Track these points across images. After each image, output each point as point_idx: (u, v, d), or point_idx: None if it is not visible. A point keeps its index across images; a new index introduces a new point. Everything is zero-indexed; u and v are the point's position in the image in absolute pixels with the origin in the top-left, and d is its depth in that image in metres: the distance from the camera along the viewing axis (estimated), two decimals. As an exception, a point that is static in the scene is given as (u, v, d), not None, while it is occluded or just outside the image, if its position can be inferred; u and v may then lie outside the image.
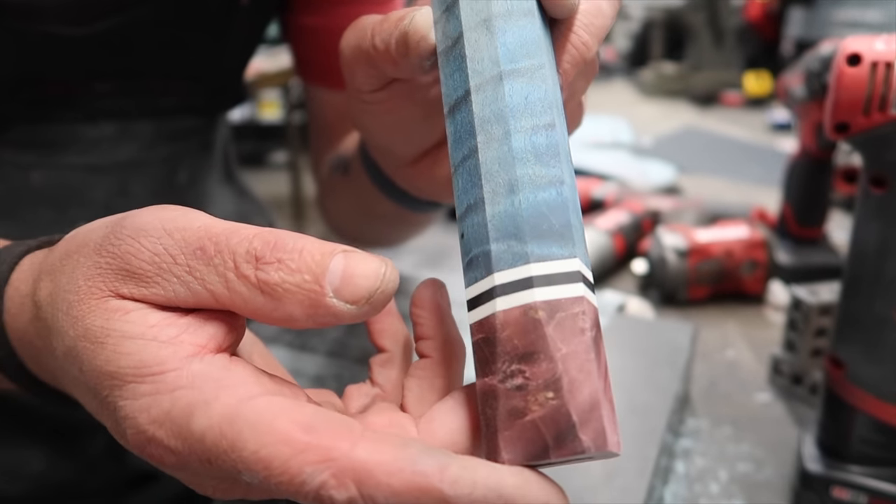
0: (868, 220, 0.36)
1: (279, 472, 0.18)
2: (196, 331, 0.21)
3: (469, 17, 0.24)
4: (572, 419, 0.19)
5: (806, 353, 0.52)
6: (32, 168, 0.48)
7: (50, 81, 0.46)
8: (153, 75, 0.49)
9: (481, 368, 0.20)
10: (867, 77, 0.33)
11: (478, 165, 0.22)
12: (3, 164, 0.47)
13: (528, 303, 0.20)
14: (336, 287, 0.20)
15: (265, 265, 0.20)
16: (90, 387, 0.21)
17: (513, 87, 0.23)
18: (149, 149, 0.51)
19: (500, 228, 0.21)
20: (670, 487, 0.44)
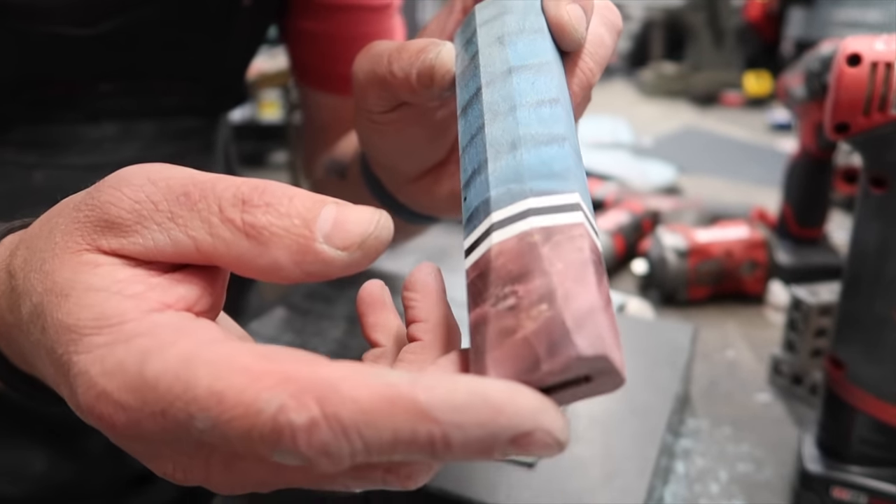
0: (868, 221, 0.36)
1: (233, 404, 0.17)
2: (166, 290, 0.20)
3: (484, 40, 0.26)
4: (566, 325, 0.17)
5: (806, 354, 0.52)
6: (34, 168, 0.48)
7: (53, 81, 0.46)
8: (156, 75, 0.49)
9: (473, 302, 0.19)
10: (867, 77, 0.33)
11: (483, 138, 0.22)
12: (5, 164, 0.47)
13: (525, 230, 0.19)
14: (327, 233, 0.19)
15: (252, 208, 0.19)
16: (49, 348, 0.20)
17: (521, 77, 0.24)
18: (151, 149, 0.51)
19: (500, 178, 0.21)
20: (670, 488, 0.44)
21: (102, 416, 0.19)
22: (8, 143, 0.47)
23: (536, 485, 0.36)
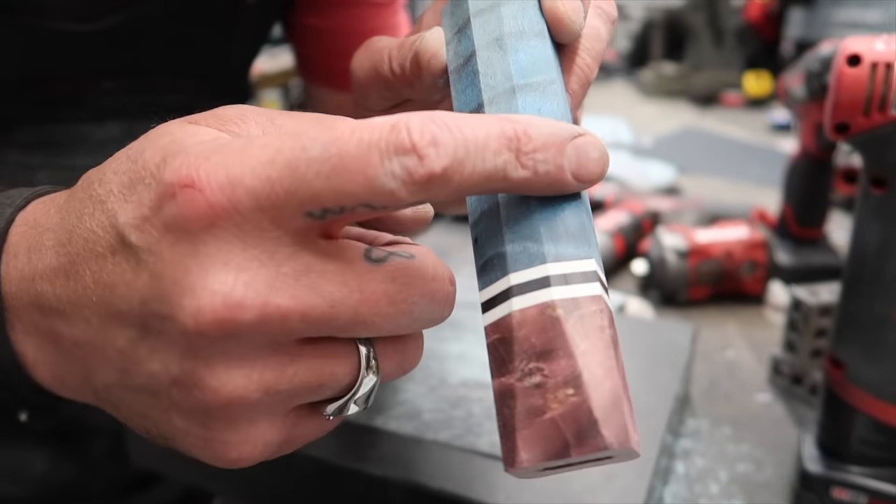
0: (868, 221, 0.36)
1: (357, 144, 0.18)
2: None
3: (481, 37, 0.25)
4: (594, 415, 0.18)
5: (806, 354, 0.52)
6: (39, 169, 0.48)
7: (57, 79, 0.46)
8: (160, 73, 0.49)
9: (497, 369, 0.20)
10: (867, 77, 0.33)
11: None
12: (10, 165, 0.47)
13: (546, 301, 0.19)
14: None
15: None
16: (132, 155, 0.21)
17: (525, 100, 0.23)
18: None
19: (515, 231, 0.21)
20: (670, 488, 0.44)
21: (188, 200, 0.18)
22: (12, 144, 0.47)
23: (537, 485, 0.36)
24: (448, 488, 0.36)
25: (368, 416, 0.41)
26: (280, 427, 0.21)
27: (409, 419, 0.41)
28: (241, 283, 0.18)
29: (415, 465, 0.38)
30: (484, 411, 0.42)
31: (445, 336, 0.51)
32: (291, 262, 0.18)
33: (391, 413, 0.42)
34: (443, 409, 0.42)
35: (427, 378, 0.45)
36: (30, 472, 0.51)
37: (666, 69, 1.94)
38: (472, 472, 0.37)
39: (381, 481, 0.37)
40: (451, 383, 0.45)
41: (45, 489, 0.52)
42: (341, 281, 0.19)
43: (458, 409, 0.42)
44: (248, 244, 0.18)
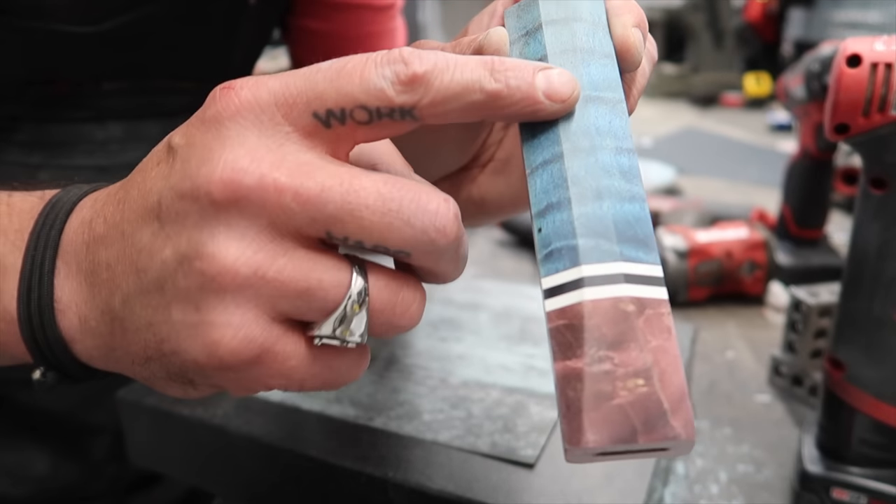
0: (868, 222, 0.36)
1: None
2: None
3: (553, 44, 0.26)
4: (663, 406, 0.19)
5: (806, 354, 0.52)
6: (40, 169, 0.48)
7: (58, 80, 0.46)
8: (161, 75, 0.49)
9: (562, 352, 0.20)
10: (867, 78, 0.33)
11: (563, 169, 0.23)
12: (11, 165, 0.47)
13: (619, 296, 0.20)
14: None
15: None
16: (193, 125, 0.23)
17: (598, 111, 0.24)
18: None
19: (587, 227, 0.21)
20: (670, 488, 0.44)
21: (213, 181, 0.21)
22: (13, 144, 0.47)
23: (536, 485, 0.36)
24: (448, 489, 0.36)
25: (368, 416, 0.41)
26: (263, 326, 0.22)
27: (409, 419, 0.41)
28: (249, 157, 0.21)
29: (415, 465, 0.38)
30: (484, 412, 0.42)
31: (445, 336, 0.51)
32: (295, 154, 0.22)
33: (391, 413, 0.42)
34: (443, 410, 0.42)
35: (427, 378, 0.46)
36: (31, 472, 0.51)
37: (666, 70, 1.94)
38: (472, 473, 0.37)
39: (381, 482, 0.37)
40: (452, 384, 0.45)
41: (46, 489, 0.52)
42: (335, 174, 0.21)
43: (458, 409, 0.42)
44: (263, 133, 0.22)
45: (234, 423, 0.41)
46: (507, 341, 0.50)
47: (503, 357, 0.48)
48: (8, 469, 0.52)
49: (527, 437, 0.39)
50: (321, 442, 0.40)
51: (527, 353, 0.49)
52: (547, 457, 0.38)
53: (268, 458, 0.41)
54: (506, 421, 0.41)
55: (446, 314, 0.54)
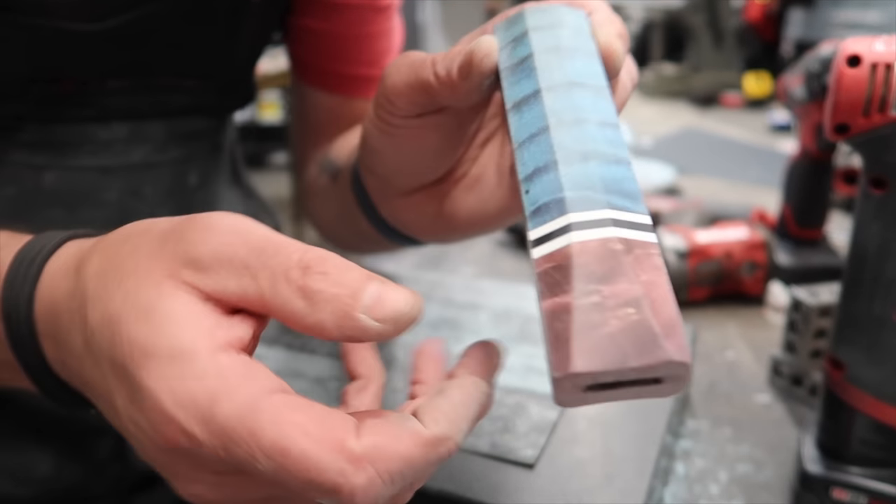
0: (868, 222, 0.36)
1: (297, 460, 0.20)
2: (230, 328, 0.23)
3: (539, 44, 0.27)
4: (654, 331, 0.19)
5: (806, 355, 0.52)
6: (45, 169, 0.47)
7: (62, 79, 0.46)
8: (165, 72, 0.49)
9: (550, 291, 0.20)
10: (867, 78, 0.33)
11: (549, 139, 0.23)
12: (16, 166, 0.47)
13: (607, 237, 0.20)
14: (368, 305, 0.22)
15: (313, 274, 0.22)
16: (117, 360, 0.23)
17: (583, 94, 0.25)
18: (161, 151, 0.51)
19: (574, 181, 0.22)
20: (670, 488, 0.44)
21: (167, 436, 0.22)
22: (18, 144, 0.47)
23: (536, 485, 0.36)
24: (448, 489, 0.36)
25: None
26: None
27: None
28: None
29: (415, 465, 0.38)
30: (484, 412, 0.42)
31: (445, 336, 0.51)
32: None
33: (391, 414, 0.42)
34: (443, 410, 0.42)
35: (427, 379, 0.45)
36: (34, 472, 0.51)
37: (666, 70, 1.94)
38: (472, 473, 0.37)
39: (381, 482, 0.37)
40: (451, 384, 0.45)
41: (50, 490, 0.52)
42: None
43: (457, 409, 0.42)
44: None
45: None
46: (506, 341, 0.50)
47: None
48: (11, 470, 0.51)
49: (527, 438, 0.39)
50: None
51: (527, 353, 0.49)
52: (547, 457, 0.38)
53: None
54: (505, 421, 0.41)
55: (446, 314, 0.54)
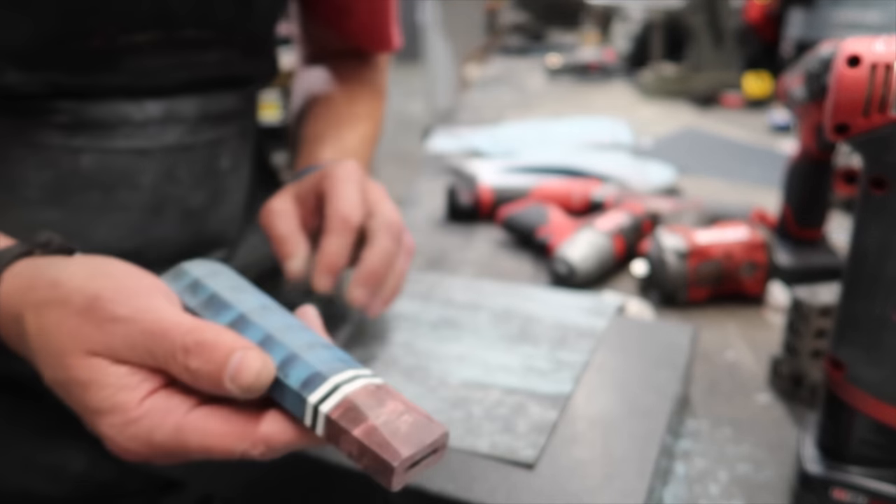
0: (868, 222, 0.36)
1: (218, 452, 0.30)
2: (148, 379, 0.31)
3: (218, 286, 0.36)
4: (425, 420, 0.30)
5: (806, 355, 0.52)
6: (82, 152, 0.49)
7: (92, 32, 0.47)
8: (188, 24, 0.51)
9: (354, 424, 0.29)
10: (867, 78, 0.33)
11: (282, 342, 0.32)
12: (53, 149, 0.49)
13: (362, 384, 0.31)
14: (231, 375, 0.30)
15: (190, 356, 0.30)
16: (76, 406, 0.32)
17: (273, 312, 0.35)
18: (193, 133, 0.53)
19: (319, 361, 0.31)
20: (670, 489, 0.44)
21: (127, 456, 0.31)
22: (55, 127, 0.48)
23: (536, 486, 0.36)
24: (448, 489, 0.36)
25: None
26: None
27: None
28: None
29: (415, 465, 0.38)
30: (484, 412, 0.42)
31: (445, 336, 0.51)
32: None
33: (391, 414, 0.42)
34: (442, 410, 0.42)
35: (427, 379, 0.45)
36: (69, 470, 0.52)
37: (666, 70, 1.94)
38: (471, 474, 0.37)
39: (381, 482, 0.37)
40: (451, 384, 0.45)
41: (83, 487, 0.52)
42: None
43: (457, 409, 0.42)
44: None
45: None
46: (506, 341, 0.50)
47: (503, 357, 0.48)
48: (47, 468, 0.52)
49: (527, 438, 0.39)
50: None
51: (526, 354, 0.49)
52: (547, 457, 0.38)
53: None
54: (505, 421, 0.41)
55: (446, 314, 0.54)
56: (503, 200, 0.93)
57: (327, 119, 0.64)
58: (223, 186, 0.58)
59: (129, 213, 0.51)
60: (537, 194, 0.92)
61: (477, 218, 0.94)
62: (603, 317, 0.54)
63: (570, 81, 2.21)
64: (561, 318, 0.53)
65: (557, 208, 0.86)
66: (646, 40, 2.21)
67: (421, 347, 0.49)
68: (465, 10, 3.51)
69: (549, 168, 1.09)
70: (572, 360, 0.48)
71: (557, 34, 3.59)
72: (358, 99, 0.68)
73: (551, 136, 1.41)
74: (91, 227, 0.51)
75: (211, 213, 0.57)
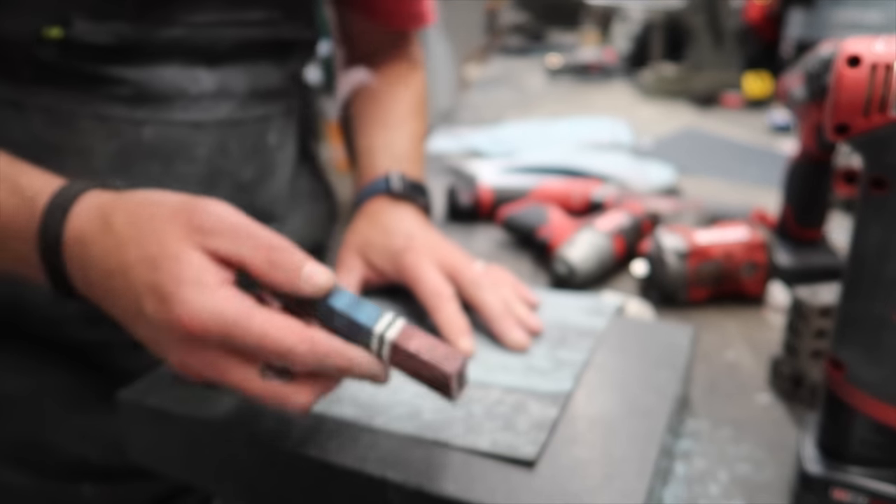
0: (868, 222, 0.36)
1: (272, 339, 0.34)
2: (223, 271, 0.36)
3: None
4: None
5: (806, 355, 0.52)
6: (144, 124, 0.54)
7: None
8: None
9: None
10: (867, 78, 0.33)
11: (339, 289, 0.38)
12: (118, 121, 0.53)
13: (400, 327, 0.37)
14: (307, 273, 0.35)
15: (274, 251, 0.36)
16: (155, 283, 0.35)
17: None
18: (243, 108, 0.58)
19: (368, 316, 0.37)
20: (670, 489, 0.44)
21: (188, 328, 0.34)
22: (119, 100, 0.53)
23: (536, 486, 0.36)
24: (448, 489, 0.36)
25: (368, 416, 0.41)
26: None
27: (410, 419, 0.41)
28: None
29: (415, 465, 0.38)
30: (484, 411, 0.42)
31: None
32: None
33: (391, 413, 0.42)
34: (443, 408, 0.42)
35: (427, 379, 0.45)
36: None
37: (666, 70, 1.94)
38: (472, 473, 0.37)
39: (381, 482, 0.37)
40: (451, 384, 0.45)
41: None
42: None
43: (458, 409, 0.42)
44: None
45: (235, 424, 0.41)
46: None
47: (503, 357, 0.48)
48: (104, 438, 0.56)
49: (527, 435, 0.39)
50: (321, 442, 0.40)
51: (526, 353, 0.49)
52: (547, 457, 0.38)
53: (268, 458, 0.40)
54: (506, 419, 0.41)
55: (446, 314, 0.54)
56: (503, 200, 0.93)
57: (375, 127, 0.69)
58: (271, 162, 0.63)
59: (186, 184, 0.56)
60: (537, 194, 0.92)
61: (477, 218, 0.94)
62: (602, 317, 0.54)
63: (570, 81, 2.21)
64: (560, 319, 0.53)
65: (557, 208, 0.86)
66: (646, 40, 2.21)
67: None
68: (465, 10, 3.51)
69: (549, 168, 1.09)
70: (572, 358, 0.48)
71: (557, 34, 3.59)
72: (400, 98, 0.72)
73: (551, 136, 1.41)
74: None
75: (260, 188, 0.62)
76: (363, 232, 0.58)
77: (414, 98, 0.74)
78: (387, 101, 0.72)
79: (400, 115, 0.71)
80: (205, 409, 0.42)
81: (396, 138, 0.68)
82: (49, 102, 0.52)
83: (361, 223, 0.59)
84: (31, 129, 0.52)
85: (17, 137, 0.51)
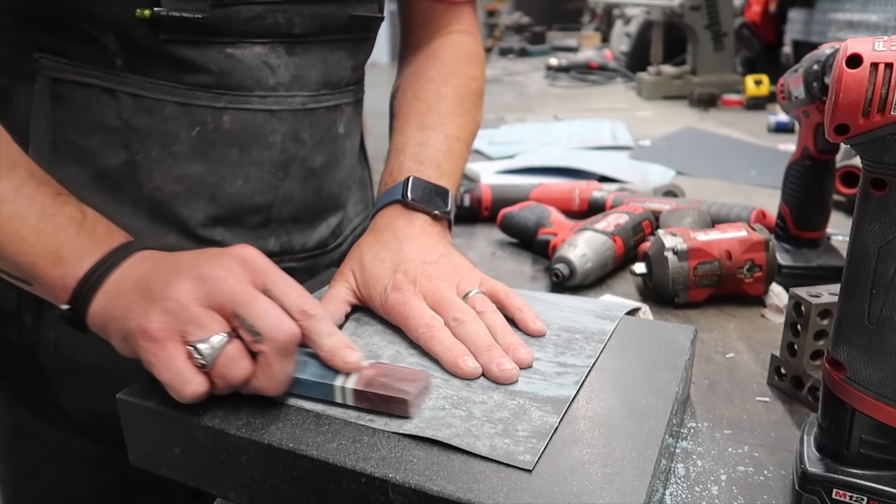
0: (868, 222, 0.36)
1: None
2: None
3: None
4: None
5: (806, 355, 0.52)
6: (225, 111, 0.57)
7: None
8: None
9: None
10: (867, 79, 0.33)
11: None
12: (201, 108, 0.57)
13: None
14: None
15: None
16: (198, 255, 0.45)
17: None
18: (315, 99, 0.62)
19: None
20: (670, 489, 0.44)
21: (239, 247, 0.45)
22: (203, 87, 0.56)
23: (536, 486, 0.36)
24: (448, 490, 0.36)
25: (369, 416, 0.41)
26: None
27: (410, 419, 0.41)
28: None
29: (415, 466, 0.38)
30: (484, 412, 0.42)
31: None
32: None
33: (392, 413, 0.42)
34: (444, 408, 0.42)
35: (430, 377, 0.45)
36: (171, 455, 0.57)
37: (666, 71, 1.94)
38: (472, 474, 0.37)
39: (382, 482, 0.37)
40: (454, 383, 0.45)
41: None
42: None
43: (458, 409, 0.42)
44: None
45: (234, 424, 0.41)
46: (507, 342, 0.50)
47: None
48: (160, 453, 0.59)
49: (526, 442, 0.39)
50: (321, 442, 0.40)
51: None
52: (546, 458, 0.38)
53: (268, 458, 0.40)
54: (506, 425, 0.41)
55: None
56: (503, 201, 0.93)
57: (411, 127, 0.68)
58: (339, 150, 0.66)
59: (262, 169, 0.60)
60: (537, 195, 0.92)
61: (477, 218, 0.94)
62: (612, 321, 0.53)
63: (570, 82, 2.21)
64: (569, 322, 0.53)
65: (557, 209, 0.86)
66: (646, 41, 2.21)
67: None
68: (465, 10, 3.50)
69: (549, 169, 1.09)
70: (577, 364, 0.47)
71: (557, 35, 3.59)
72: (443, 94, 0.70)
73: (551, 136, 1.41)
74: (229, 180, 0.59)
75: (328, 174, 0.65)
76: (364, 252, 0.57)
77: (461, 92, 0.71)
78: (429, 97, 0.70)
79: (439, 114, 0.68)
80: (205, 411, 0.42)
81: (430, 139, 0.66)
82: (138, 89, 0.55)
83: (367, 239, 0.59)
84: (122, 115, 0.55)
85: (110, 122, 0.56)
